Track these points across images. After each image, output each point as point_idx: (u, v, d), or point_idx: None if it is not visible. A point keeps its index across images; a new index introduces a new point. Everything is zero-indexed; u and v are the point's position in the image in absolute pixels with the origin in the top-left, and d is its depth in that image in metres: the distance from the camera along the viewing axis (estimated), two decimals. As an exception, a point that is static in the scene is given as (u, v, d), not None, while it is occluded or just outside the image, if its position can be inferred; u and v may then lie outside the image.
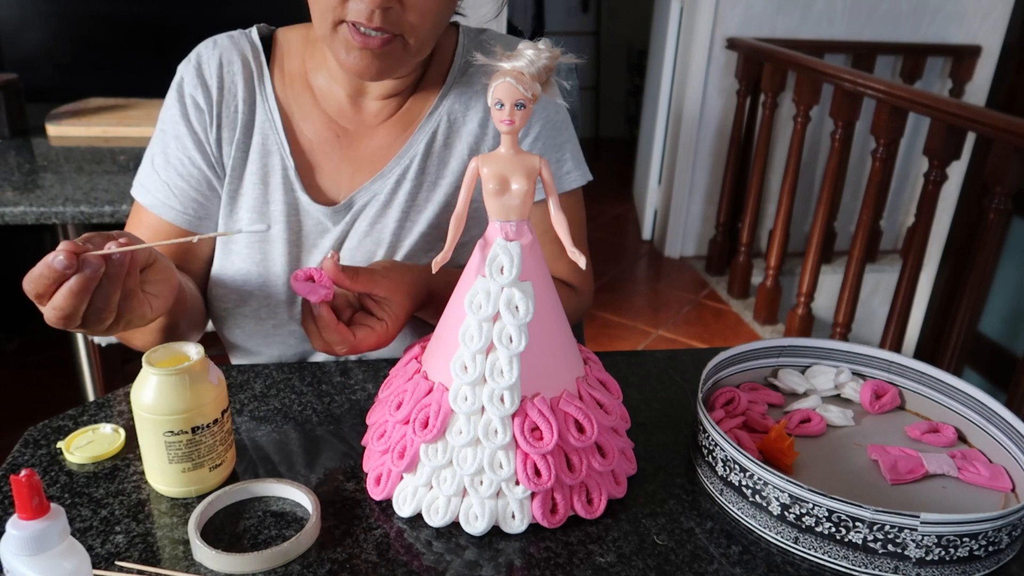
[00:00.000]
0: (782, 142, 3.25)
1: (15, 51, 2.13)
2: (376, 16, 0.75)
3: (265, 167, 0.89)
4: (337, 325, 0.77)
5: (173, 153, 0.89)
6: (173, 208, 0.89)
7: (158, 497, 0.68)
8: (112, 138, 1.75)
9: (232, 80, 0.89)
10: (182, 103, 0.88)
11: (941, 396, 0.82)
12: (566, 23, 5.15)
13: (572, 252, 0.64)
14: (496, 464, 0.64)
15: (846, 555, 0.63)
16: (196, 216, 0.90)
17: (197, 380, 0.65)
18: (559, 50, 0.60)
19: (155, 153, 0.90)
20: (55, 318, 0.65)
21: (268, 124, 0.89)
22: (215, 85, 0.88)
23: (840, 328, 2.58)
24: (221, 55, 0.89)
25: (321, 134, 0.91)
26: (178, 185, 0.89)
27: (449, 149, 0.92)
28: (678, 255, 3.61)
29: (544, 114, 0.93)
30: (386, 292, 0.79)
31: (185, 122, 0.88)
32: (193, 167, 0.89)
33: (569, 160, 0.95)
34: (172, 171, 0.89)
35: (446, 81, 0.92)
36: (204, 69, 0.89)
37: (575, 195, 0.97)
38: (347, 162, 0.91)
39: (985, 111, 2.05)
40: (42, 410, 0.86)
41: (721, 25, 3.19)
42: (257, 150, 0.89)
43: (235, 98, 0.89)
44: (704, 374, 0.78)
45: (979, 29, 3.32)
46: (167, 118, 0.90)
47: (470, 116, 0.92)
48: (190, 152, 0.88)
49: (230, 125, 0.89)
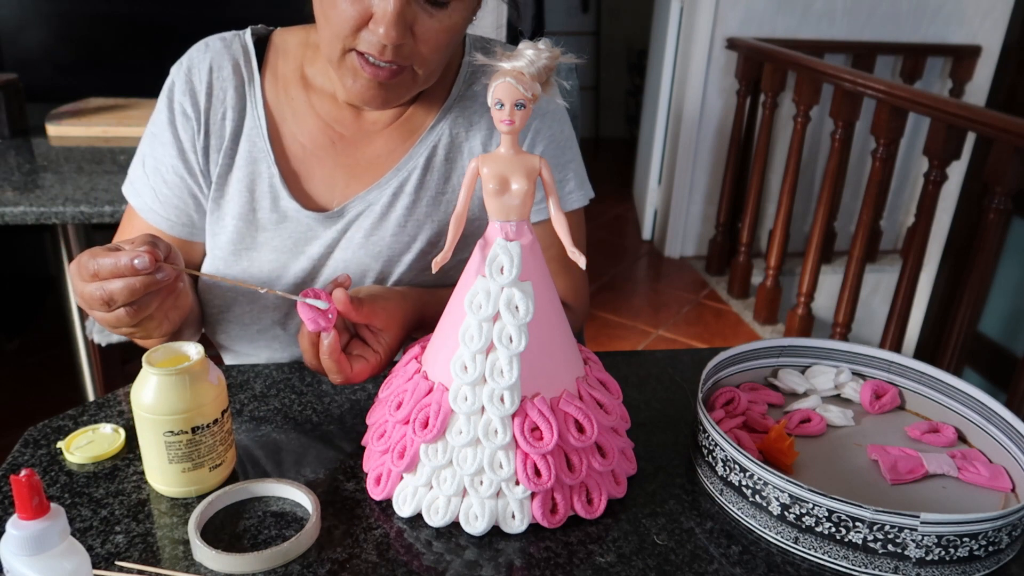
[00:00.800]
0: (782, 142, 3.25)
1: (15, 51, 2.13)
2: (388, 51, 0.75)
3: (251, 175, 0.88)
4: (340, 355, 0.75)
5: (161, 159, 0.89)
6: (158, 214, 0.89)
7: (158, 497, 0.68)
8: (112, 138, 1.75)
9: (222, 87, 0.88)
10: (171, 109, 0.88)
11: (941, 396, 0.82)
12: (566, 23, 5.14)
13: (572, 252, 0.64)
14: (496, 464, 0.64)
15: (846, 555, 0.63)
16: (180, 223, 0.90)
17: (197, 380, 0.65)
18: (559, 50, 0.61)
19: (145, 155, 0.91)
20: (100, 300, 0.68)
21: (256, 131, 0.88)
22: (203, 92, 0.87)
23: (840, 328, 2.58)
24: (212, 60, 0.88)
25: (316, 139, 0.89)
26: (162, 192, 0.89)
27: (451, 164, 0.90)
28: (678, 255, 3.61)
29: (549, 133, 0.92)
30: (383, 324, 0.79)
31: (171, 129, 0.88)
32: (175, 175, 0.88)
33: (572, 180, 0.95)
34: (158, 177, 0.89)
35: (450, 93, 0.91)
36: (194, 75, 0.88)
37: (576, 214, 0.96)
38: (341, 168, 0.90)
39: (985, 111, 2.05)
40: (42, 410, 0.86)
41: (721, 25, 3.19)
42: (244, 157, 0.88)
43: (223, 105, 0.88)
44: (704, 374, 0.78)
45: (979, 29, 3.32)
46: (157, 121, 0.90)
47: (473, 133, 0.90)
48: (173, 160, 0.88)
49: (218, 133, 0.88)
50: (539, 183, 0.66)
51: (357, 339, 0.80)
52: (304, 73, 0.90)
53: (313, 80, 0.90)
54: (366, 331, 0.80)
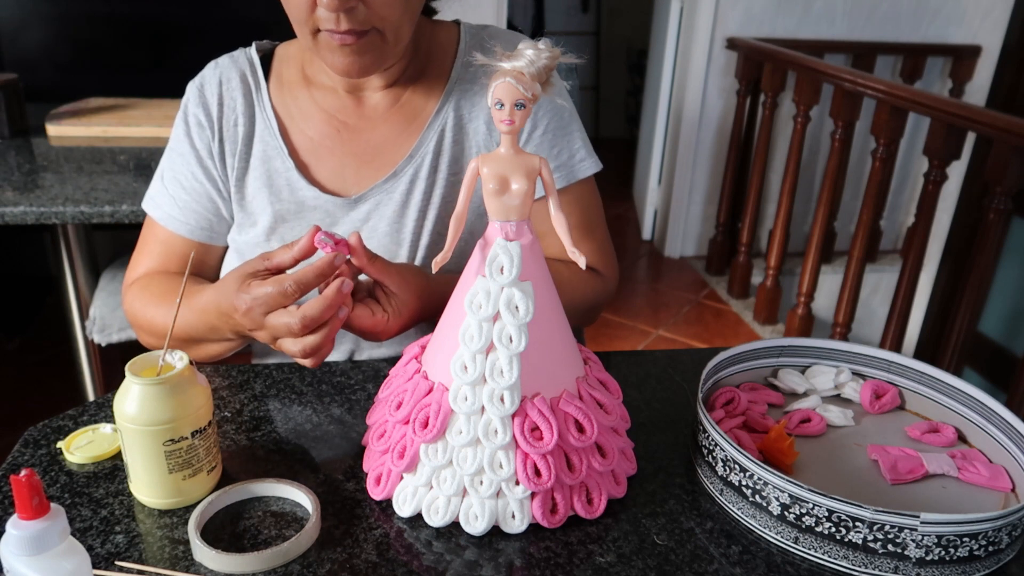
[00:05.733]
0: (782, 142, 3.25)
1: (15, 51, 2.13)
2: (343, 20, 0.77)
3: (267, 172, 0.93)
4: (344, 299, 0.74)
5: (179, 169, 0.94)
6: (177, 219, 0.94)
7: (158, 497, 0.68)
8: (112, 138, 1.75)
9: (231, 96, 0.93)
10: (186, 122, 0.94)
11: (941, 396, 0.82)
12: (566, 23, 5.14)
13: (572, 252, 0.64)
14: (496, 464, 0.64)
15: (846, 555, 0.63)
16: (199, 227, 0.95)
17: (190, 384, 0.65)
18: (559, 50, 0.60)
19: (164, 169, 0.96)
20: (295, 329, 0.73)
21: (267, 132, 0.93)
22: (215, 102, 0.93)
23: (840, 328, 2.58)
24: (221, 74, 0.94)
25: (322, 131, 0.93)
26: (182, 198, 0.94)
27: (459, 146, 0.93)
28: (678, 255, 3.61)
29: (550, 107, 0.94)
30: (396, 287, 0.80)
31: (188, 140, 0.93)
32: (195, 181, 0.94)
33: (581, 148, 0.96)
34: (178, 185, 0.94)
35: (449, 78, 0.94)
36: (206, 89, 0.94)
37: (589, 182, 0.98)
38: (350, 156, 0.93)
39: (985, 111, 2.05)
40: (42, 410, 0.86)
41: (721, 25, 3.19)
42: (259, 157, 0.93)
43: (234, 112, 0.93)
44: (704, 374, 0.78)
45: (979, 29, 3.32)
46: (174, 136, 0.96)
47: (476, 113, 0.93)
48: (192, 167, 0.93)
49: (231, 138, 0.93)
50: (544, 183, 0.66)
51: (370, 298, 0.81)
52: (305, 73, 0.95)
53: (314, 78, 0.94)
54: (380, 292, 0.81)
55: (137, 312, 0.93)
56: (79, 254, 1.60)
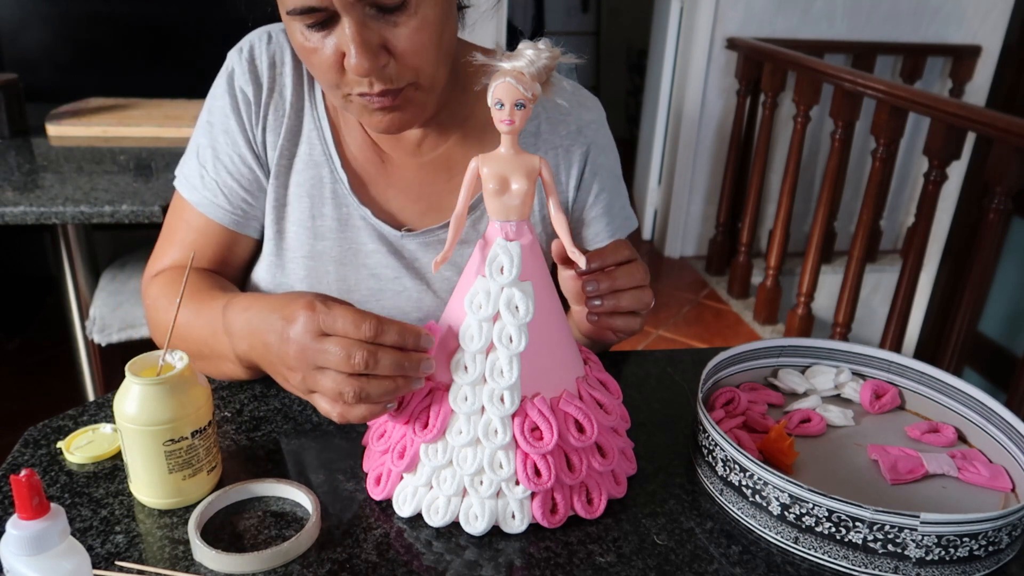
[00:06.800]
0: (782, 142, 3.25)
1: (15, 51, 2.13)
2: (375, 83, 0.72)
3: (313, 179, 0.85)
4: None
5: (223, 149, 0.85)
6: (221, 207, 0.85)
7: (158, 497, 0.68)
8: (112, 138, 1.75)
9: (283, 81, 0.84)
10: (232, 95, 0.84)
11: (941, 396, 0.82)
12: (566, 23, 5.14)
13: (572, 252, 0.64)
14: (496, 464, 0.64)
15: (846, 555, 0.63)
16: (243, 215, 0.87)
17: (191, 383, 0.65)
18: (559, 50, 0.60)
19: (201, 146, 0.86)
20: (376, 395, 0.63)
21: (316, 134, 0.85)
22: (266, 83, 0.84)
23: (840, 328, 2.58)
24: (274, 53, 0.84)
25: (365, 153, 0.87)
26: (227, 184, 0.85)
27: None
28: (678, 255, 3.61)
29: (607, 163, 0.95)
30: None
31: (236, 116, 0.84)
32: (244, 165, 0.85)
33: (628, 203, 0.99)
34: (222, 168, 0.85)
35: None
36: (257, 63, 0.84)
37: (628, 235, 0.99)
38: (393, 188, 0.88)
39: (985, 111, 2.05)
40: (42, 410, 0.86)
41: (721, 25, 3.19)
42: (303, 160, 0.85)
43: (284, 100, 0.84)
44: (704, 374, 0.78)
45: (979, 29, 3.32)
46: (216, 109, 0.85)
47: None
48: (240, 149, 0.84)
49: (275, 128, 0.85)
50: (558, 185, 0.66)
51: None
52: None
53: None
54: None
55: (161, 311, 0.84)
56: (79, 254, 1.60)
